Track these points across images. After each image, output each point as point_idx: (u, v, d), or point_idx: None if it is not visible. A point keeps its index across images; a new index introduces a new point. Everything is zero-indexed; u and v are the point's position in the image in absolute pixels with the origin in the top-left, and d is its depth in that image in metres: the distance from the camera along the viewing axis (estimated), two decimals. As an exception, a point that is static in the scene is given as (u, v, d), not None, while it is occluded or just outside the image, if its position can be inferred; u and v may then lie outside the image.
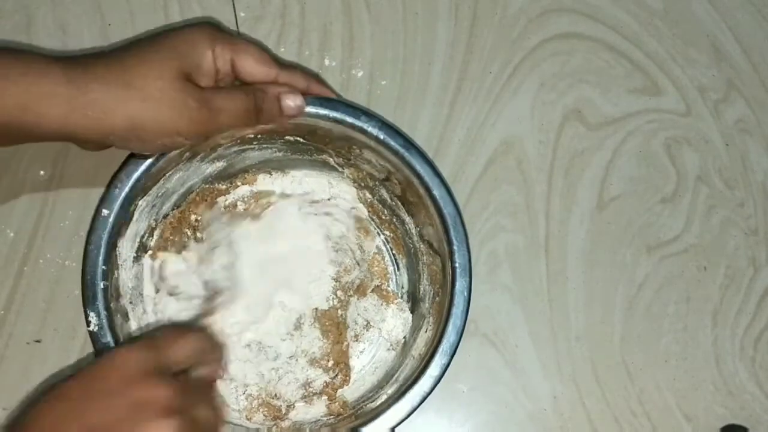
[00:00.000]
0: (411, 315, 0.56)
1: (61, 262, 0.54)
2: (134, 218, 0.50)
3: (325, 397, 0.54)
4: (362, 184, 0.56)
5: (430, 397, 0.49)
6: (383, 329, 0.55)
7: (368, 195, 0.56)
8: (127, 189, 0.48)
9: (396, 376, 0.52)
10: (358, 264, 0.56)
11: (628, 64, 0.62)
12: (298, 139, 0.53)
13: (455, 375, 0.56)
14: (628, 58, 0.62)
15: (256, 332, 0.54)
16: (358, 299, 0.55)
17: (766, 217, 0.60)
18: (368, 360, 0.56)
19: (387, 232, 0.57)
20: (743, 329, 0.58)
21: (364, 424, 0.49)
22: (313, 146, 0.54)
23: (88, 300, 0.48)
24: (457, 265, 0.50)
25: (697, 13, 0.63)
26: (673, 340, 0.58)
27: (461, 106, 0.60)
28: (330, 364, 0.54)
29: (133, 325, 0.51)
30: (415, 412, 0.49)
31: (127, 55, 0.44)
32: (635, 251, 0.59)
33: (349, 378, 0.55)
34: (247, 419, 0.53)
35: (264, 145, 0.53)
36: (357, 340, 0.56)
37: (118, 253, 0.50)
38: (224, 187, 0.56)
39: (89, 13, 0.59)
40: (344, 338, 0.55)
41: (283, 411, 0.53)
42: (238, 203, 0.56)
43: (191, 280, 0.53)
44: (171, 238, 0.54)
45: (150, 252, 0.53)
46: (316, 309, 0.55)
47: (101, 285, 0.48)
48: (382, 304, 0.56)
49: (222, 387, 0.52)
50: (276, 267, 0.54)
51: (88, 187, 0.55)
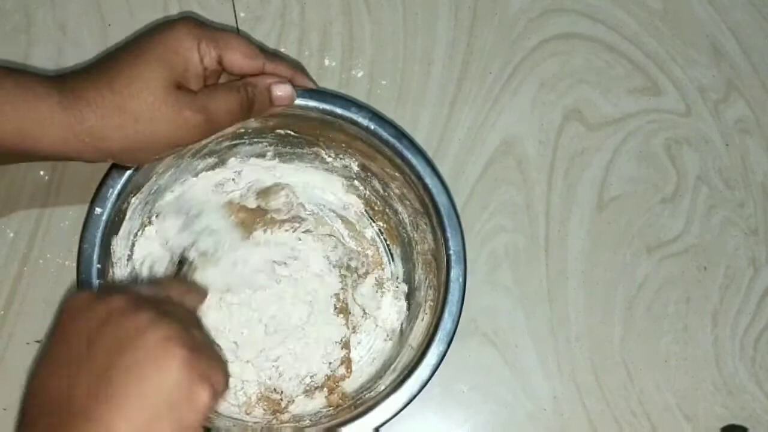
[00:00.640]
0: (406, 303, 0.56)
1: (61, 262, 0.54)
2: (127, 216, 0.50)
3: (325, 390, 0.54)
4: (353, 176, 0.56)
5: (430, 397, 0.49)
6: (379, 318, 0.55)
7: (360, 186, 0.56)
8: (119, 187, 0.48)
9: (394, 365, 0.52)
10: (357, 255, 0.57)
11: (628, 64, 0.62)
12: (289, 132, 0.53)
13: (455, 375, 0.56)
14: (628, 58, 0.62)
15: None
16: (357, 281, 0.56)
17: (766, 217, 0.60)
18: (366, 351, 0.56)
19: (380, 223, 0.57)
20: (743, 329, 0.58)
21: (364, 413, 0.48)
22: (303, 139, 0.54)
23: None
24: (451, 252, 0.50)
25: (697, 13, 0.63)
26: (673, 340, 0.58)
27: (461, 106, 0.60)
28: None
29: None
30: (416, 412, 0.49)
31: (116, 74, 0.43)
32: (635, 251, 0.59)
33: (351, 370, 0.55)
34: (246, 414, 0.53)
35: (255, 140, 0.53)
36: (354, 332, 0.56)
37: (112, 251, 0.50)
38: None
39: (89, 13, 0.59)
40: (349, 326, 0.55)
41: (283, 405, 0.53)
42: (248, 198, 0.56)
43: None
44: None
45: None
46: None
47: (96, 283, 0.48)
48: (377, 292, 0.56)
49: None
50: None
51: (89, 188, 0.55)
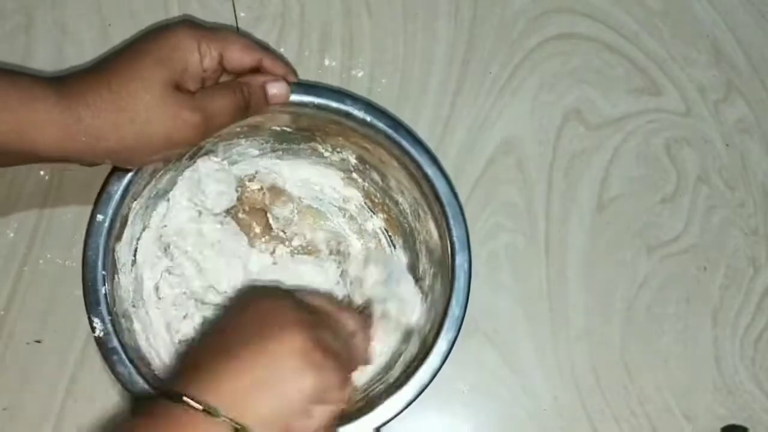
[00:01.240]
0: (418, 289, 0.55)
1: (61, 262, 0.54)
2: (129, 221, 0.50)
3: None
4: (351, 169, 0.56)
5: (430, 397, 0.49)
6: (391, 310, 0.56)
7: (359, 179, 0.56)
8: (119, 193, 0.48)
9: (403, 356, 0.52)
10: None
11: (628, 64, 0.62)
12: (285, 129, 0.53)
13: (455, 375, 0.56)
14: (628, 58, 0.62)
15: None
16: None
17: (766, 217, 0.60)
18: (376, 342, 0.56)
19: (381, 215, 0.57)
20: (743, 329, 0.58)
21: (375, 404, 0.48)
22: (299, 135, 0.54)
23: (91, 306, 0.48)
24: (455, 239, 0.50)
25: (697, 13, 0.63)
26: (673, 340, 0.58)
27: (461, 106, 0.60)
28: None
29: (137, 327, 0.51)
30: (416, 412, 0.49)
31: (114, 74, 0.43)
32: (635, 251, 0.59)
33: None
34: None
35: (251, 138, 0.54)
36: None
37: (116, 257, 0.50)
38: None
39: (89, 13, 0.59)
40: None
41: None
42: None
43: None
44: None
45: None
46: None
47: (102, 290, 0.48)
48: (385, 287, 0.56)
49: None
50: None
51: (89, 188, 0.55)
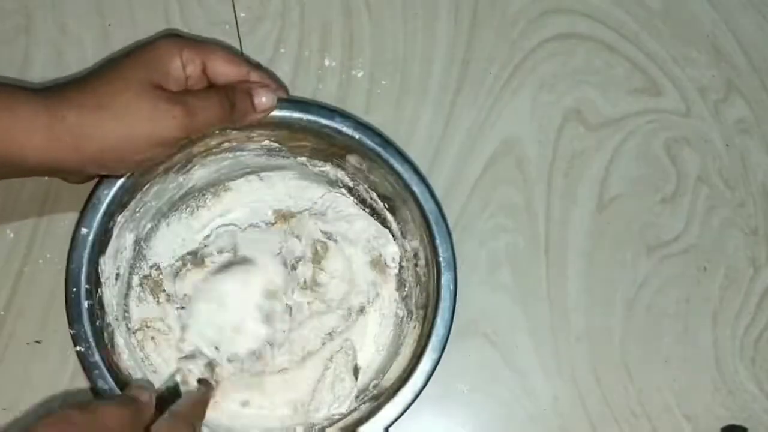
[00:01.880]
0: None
1: (61, 262, 0.54)
2: (114, 234, 0.50)
3: None
4: (340, 185, 0.56)
5: (430, 397, 0.49)
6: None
7: (347, 195, 0.56)
8: (104, 206, 0.49)
9: (386, 375, 0.52)
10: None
11: (628, 64, 0.62)
12: (273, 143, 0.53)
13: (455, 375, 0.56)
14: (628, 58, 0.62)
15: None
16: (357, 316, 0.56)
17: (766, 217, 0.60)
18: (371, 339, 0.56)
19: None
20: (743, 329, 0.58)
21: (359, 423, 0.49)
22: (287, 148, 0.54)
23: (73, 320, 0.48)
24: (441, 259, 0.50)
25: (697, 13, 0.63)
26: (673, 340, 0.58)
27: (461, 106, 0.60)
28: None
29: (120, 342, 0.51)
30: (416, 413, 0.49)
31: (98, 77, 0.45)
32: (635, 251, 0.59)
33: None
34: None
35: (239, 153, 0.54)
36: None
37: (100, 270, 0.50)
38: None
39: (89, 13, 0.59)
40: None
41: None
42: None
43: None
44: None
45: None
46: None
47: (85, 304, 0.48)
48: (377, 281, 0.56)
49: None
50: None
51: (89, 188, 0.55)
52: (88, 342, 0.47)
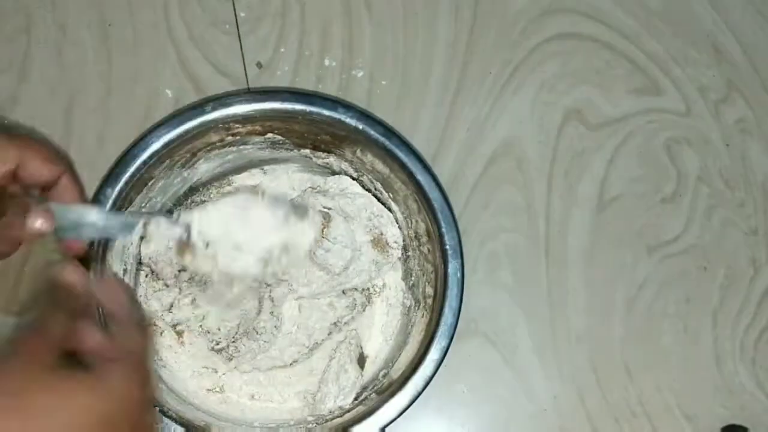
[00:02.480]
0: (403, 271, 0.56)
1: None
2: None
3: None
4: (344, 175, 0.56)
5: (430, 397, 0.49)
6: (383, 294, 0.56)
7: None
8: (110, 203, 0.48)
9: (395, 364, 0.52)
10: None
11: (628, 64, 0.62)
12: (277, 137, 0.53)
13: (455, 375, 0.56)
14: (628, 58, 0.62)
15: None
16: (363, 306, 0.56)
17: (766, 217, 0.60)
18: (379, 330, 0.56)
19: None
20: (743, 329, 0.58)
21: (371, 412, 0.48)
22: (291, 142, 0.54)
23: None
24: (447, 247, 0.50)
25: (697, 13, 0.63)
26: (673, 340, 0.58)
27: (461, 106, 0.60)
28: None
29: None
30: (416, 413, 0.49)
31: None
32: (635, 251, 0.59)
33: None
34: None
35: (242, 146, 0.54)
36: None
37: (108, 266, 0.50)
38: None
39: (89, 13, 0.59)
40: None
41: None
42: None
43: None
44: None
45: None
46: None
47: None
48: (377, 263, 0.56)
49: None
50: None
51: (89, 188, 0.55)
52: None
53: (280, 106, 0.50)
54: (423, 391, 0.49)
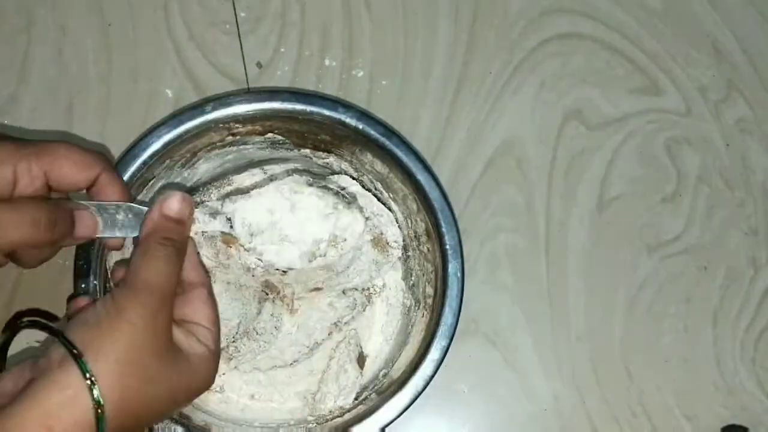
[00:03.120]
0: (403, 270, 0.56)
1: (61, 262, 0.54)
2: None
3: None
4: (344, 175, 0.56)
5: (430, 397, 0.49)
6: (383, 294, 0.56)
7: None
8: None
9: (395, 364, 0.52)
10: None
11: (628, 64, 0.62)
12: (277, 137, 0.53)
13: (455, 375, 0.56)
14: (628, 58, 0.62)
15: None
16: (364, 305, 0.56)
17: (766, 217, 0.60)
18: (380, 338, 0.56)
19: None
20: (744, 329, 0.58)
21: (372, 412, 0.48)
22: (291, 142, 0.54)
23: None
24: (447, 247, 0.50)
25: (697, 13, 0.63)
26: (673, 340, 0.58)
27: (461, 106, 0.60)
28: None
29: None
30: (416, 413, 0.49)
31: None
32: (635, 251, 0.59)
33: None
34: None
35: (242, 146, 0.54)
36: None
37: (108, 266, 0.49)
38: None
39: (89, 13, 0.59)
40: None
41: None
42: None
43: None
44: None
45: None
46: None
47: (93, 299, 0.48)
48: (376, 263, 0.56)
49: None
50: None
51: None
52: None
53: (280, 106, 0.51)
54: (423, 390, 0.49)
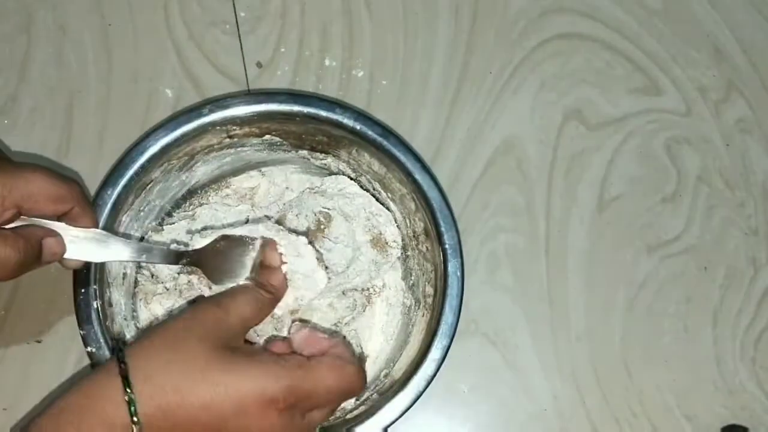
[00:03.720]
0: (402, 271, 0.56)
1: (61, 262, 0.54)
2: (120, 234, 0.50)
3: None
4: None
5: (430, 397, 0.49)
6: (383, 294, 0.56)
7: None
8: (109, 206, 0.48)
9: (396, 364, 0.52)
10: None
11: (628, 64, 0.62)
12: (275, 138, 0.53)
13: (455, 375, 0.56)
14: (628, 58, 0.62)
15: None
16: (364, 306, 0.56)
17: (766, 217, 0.60)
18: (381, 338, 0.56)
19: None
20: (743, 329, 0.58)
21: (374, 412, 0.48)
22: (289, 143, 0.54)
23: (83, 321, 0.47)
24: (447, 246, 0.50)
25: (697, 13, 0.63)
26: (673, 340, 0.58)
27: (461, 106, 0.60)
28: None
29: (131, 341, 0.51)
30: (416, 412, 0.49)
31: None
32: (635, 251, 0.59)
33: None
34: None
35: (240, 148, 0.54)
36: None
37: (107, 271, 0.50)
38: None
39: (89, 13, 0.59)
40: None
41: None
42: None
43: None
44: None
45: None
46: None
47: (94, 305, 0.47)
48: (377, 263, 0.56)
49: None
50: None
51: (89, 188, 0.55)
52: (99, 342, 0.47)
53: (278, 108, 0.51)
54: (425, 390, 0.49)
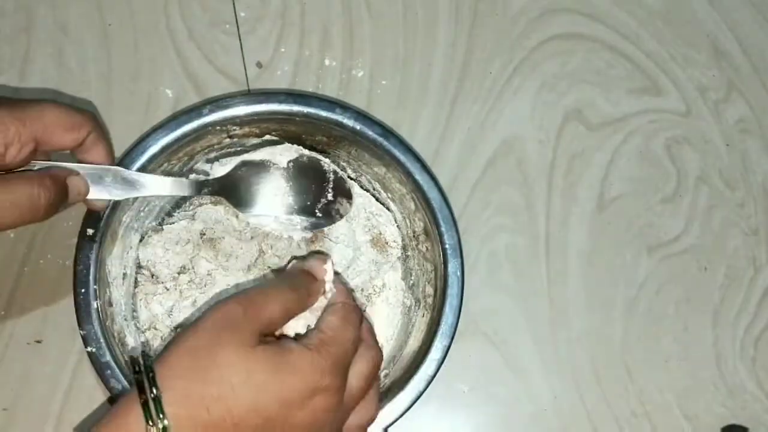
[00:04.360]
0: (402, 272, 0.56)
1: (61, 262, 0.54)
2: (120, 234, 0.50)
3: None
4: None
5: (430, 397, 0.49)
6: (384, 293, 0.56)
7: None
8: (109, 207, 0.49)
9: (396, 364, 0.52)
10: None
11: (628, 64, 0.62)
12: (274, 138, 0.53)
13: (455, 375, 0.56)
14: (628, 58, 0.62)
15: None
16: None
17: (766, 217, 0.60)
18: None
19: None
20: (744, 329, 0.58)
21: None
22: (288, 143, 0.54)
23: (82, 320, 0.47)
24: (447, 246, 0.50)
25: (697, 13, 0.63)
26: (673, 340, 0.58)
27: (461, 106, 0.60)
28: None
29: (130, 341, 0.51)
30: (416, 412, 0.49)
31: None
32: (635, 251, 0.59)
33: None
34: None
35: (240, 148, 0.54)
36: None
37: (108, 271, 0.50)
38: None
39: (89, 13, 0.59)
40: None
41: None
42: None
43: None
44: None
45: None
46: None
47: (95, 305, 0.48)
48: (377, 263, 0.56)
49: None
50: None
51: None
52: (99, 342, 0.47)
53: (277, 108, 0.51)
54: (425, 390, 0.49)
